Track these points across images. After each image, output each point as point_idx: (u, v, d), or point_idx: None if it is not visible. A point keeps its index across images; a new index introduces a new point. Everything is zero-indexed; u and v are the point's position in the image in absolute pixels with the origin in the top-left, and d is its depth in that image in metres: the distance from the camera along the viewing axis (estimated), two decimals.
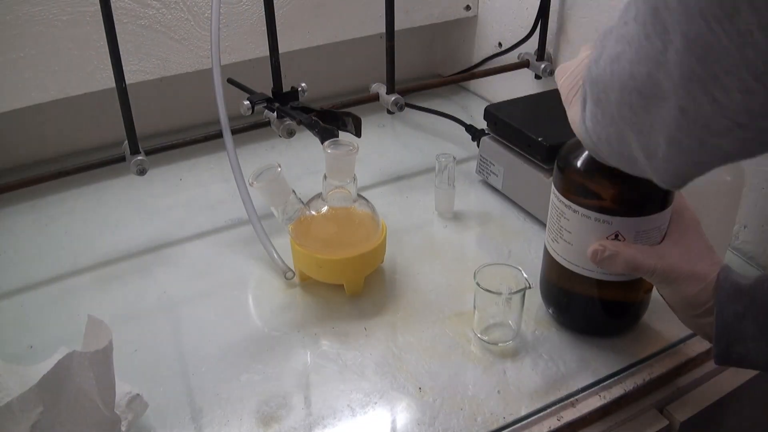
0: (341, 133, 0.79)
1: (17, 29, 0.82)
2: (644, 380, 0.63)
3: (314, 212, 0.71)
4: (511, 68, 1.04)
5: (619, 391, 0.62)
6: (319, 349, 0.66)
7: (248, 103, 0.82)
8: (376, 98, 0.95)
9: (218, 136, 0.79)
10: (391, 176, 0.96)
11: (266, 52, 0.84)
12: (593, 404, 0.60)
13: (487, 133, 0.90)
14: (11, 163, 0.97)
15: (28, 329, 0.69)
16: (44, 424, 0.47)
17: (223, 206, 0.89)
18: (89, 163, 0.81)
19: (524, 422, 0.58)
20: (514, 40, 1.06)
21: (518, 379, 0.62)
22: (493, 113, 0.87)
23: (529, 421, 0.59)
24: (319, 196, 0.72)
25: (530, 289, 0.64)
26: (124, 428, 0.54)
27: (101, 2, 0.71)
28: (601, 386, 0.62)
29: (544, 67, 1.01)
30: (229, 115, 0.77)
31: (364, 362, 0.64)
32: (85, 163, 0.81)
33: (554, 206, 0.62)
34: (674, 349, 0.66)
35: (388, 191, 0.93)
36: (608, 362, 0.64)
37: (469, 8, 1.14)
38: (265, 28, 0.82)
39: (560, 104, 0.58)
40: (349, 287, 0.72)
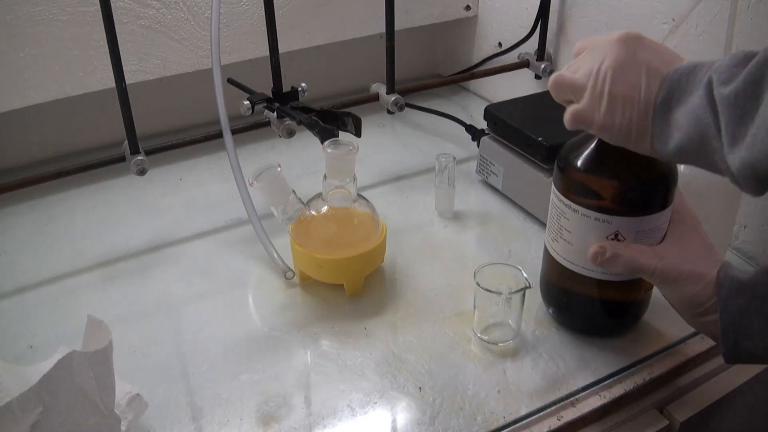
0: (341, 133, 0.79)
1: (17, 29, 0.82)
2: (644, 380, 0.63)
3: (314, 212, 0.71)
4: (511, 68, 1.04)
5: (619, 390, 0.62)
6: (319, 349, 0.66)
7: (248, 103, 0.83)
8: (376, 98, 0.95)
9: (218, 136, 0.79)
10: (391, 176, 0.96)
11: (266, 52, 0.84)
12: (593, 404, 0.60)
13: (487, 133, 0.90)
14: (11, 163, 0.97)
15: (28, 329, 0.69)
16: (44, 424, 0.47)
17: (223, 206, 0.89)
18: (89, 163, 0.81)
19: (524, 422, 0.58)
20: (514, 40, 1.06)
21: (518, 378, 0.62)
22: (493, 113, 0.87)
23: (529, 420, 0.59)
24: (319, 196, 0.72)
25: (530, 288, 0.64)
26: (124, 428, 0.54)
27: (101, 2, 0.71)
28: (601, 386, 0.62)
29: (544, 67, 1.01)
30: (229, 115, 0.77)
31: (364, 362, 0.64)
32: (85, 163, 0.81)
33: (554, 206, 0.62)
34: (674, 348, 0.66)
35: (388, 191, 0.93)
36: (608, 362, 0.64)
37: (469, 8, 1.14)
38: (265, 28, 0.82)
39: (560, 104, 0.58)
40: (349, 287, 0.72)
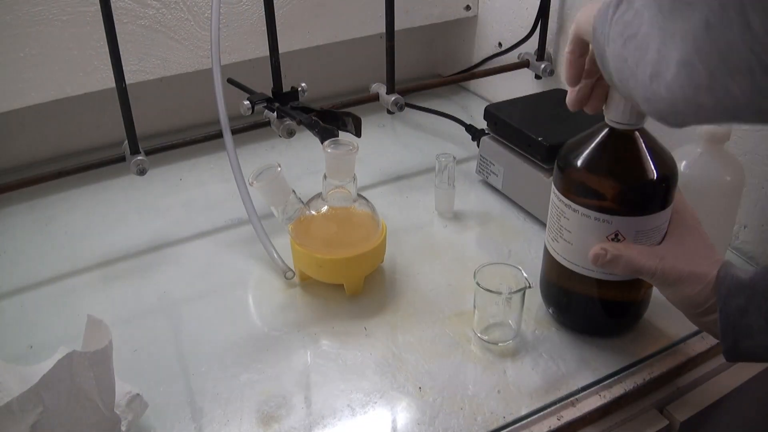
0: (341, 133, 0.79)
1: (17, 29, 0.82)
2: (644, 380, 0.63)
3: (314, 212, 0.71)
4: (511, 68, 1.04)
5: (619, 390, 0.62)
6: (319, 348, 0.66)
7: (248, 103, 0.83)
8: (376, 98, 0.95)
9: (218, 136, 0.79)
10: (391, 176, 0.96)
11: (266, 52, 0.84)
12: (593, 404, 0.60)
13: (487, 133, 0.90)
14: (11, 163, 0.97)
15: (28, 329, 0.69)
16: (44, 424, 0.47)
17: (223, 206, 0.89)
18: (89, 163, 0.81)
19: (524, 422, 0.58)
20: (514, 40, 1.06)
21: (518, 378, 0.62)
22: (493, 113, 0.87)
23: (529, 420, 0.59)
24: (319, 196, 0.72)
25: (530, 288, 0.64)
26: (124, 428, 0.54)
27: (101, 2, 0.71)
28: (601, 386, 0.62)
29: (544, 67, 1.01)
30: (229, 115, 0.77)
31: (364, 362, 0.64)
32: (85, 163, 0.81)
33: (554, 206, 0.62)
34: (674, 348, 0.66)
35: (388, 191, 0.93)
36: (608, 362, 0.64)
37: (469, 8, 1.14)
38: (265, 28, 0.82)
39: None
40: (349, 287, 0.72)
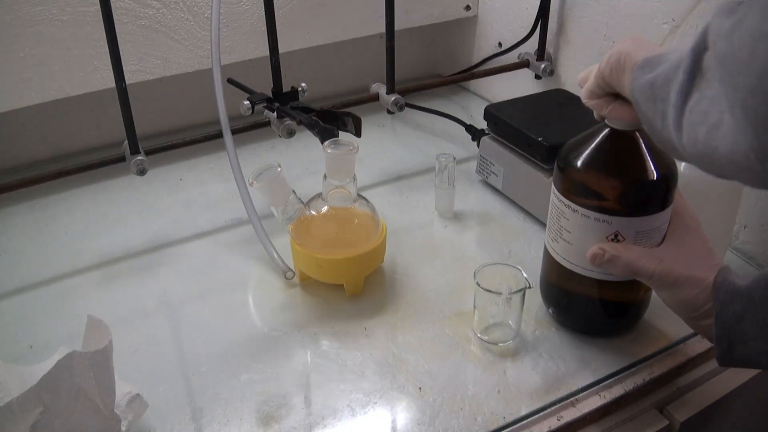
0: (341, 133, 0.79)
1: (17, 29, 0.82)
2: (644, 380, 0.63)
3: (314, 212, 0.71)
4: (511, 68, 1.04)
5: (619, 390, 0.62)
6: (319, 349, 0.66)
7: (248, 103, 0.82)
8: (376, 98, 0.95)
9: (218, 136, 0.79)
10: (391, 176, 0.96)
11: (266, 52, 0.84)
12: (593, 404, 0.60)
13: (487, 133, 0.90)
14: (11, 163, 0.97)
15: (28, 329, 0.69)
16: (44, 424, 0.47)
17: (223, 206, 0.89)
18: (89, 163, 0.81)
19: (524, 422, 0.58)
20: (514, 40, 1.06)
21: (518, 378, 0.62)
22: (493, 113, 0.87)
23: (529, 420, 0.59)
24: (319, 196, 0.72)
25: (530, 288, 0.64)
26: (124, 428, 0.54)
27: (101, 2, 0.71)
28: (601, 386, 0.62)
29: (544, 67, 1.01)
30: (229, 115, 0.77)
31: (364, 362, 0.64)
32: (85, 163, 0.81)
33: (554, 206, 0.62)
34: (674, 348, 0.66)
35: (388, 191, 0.93)
36: (608, 362, 0.64)
37: (469, 8, 1.14)
38: (265, 28, 0.82)
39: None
40: (349, 287, 0.72)
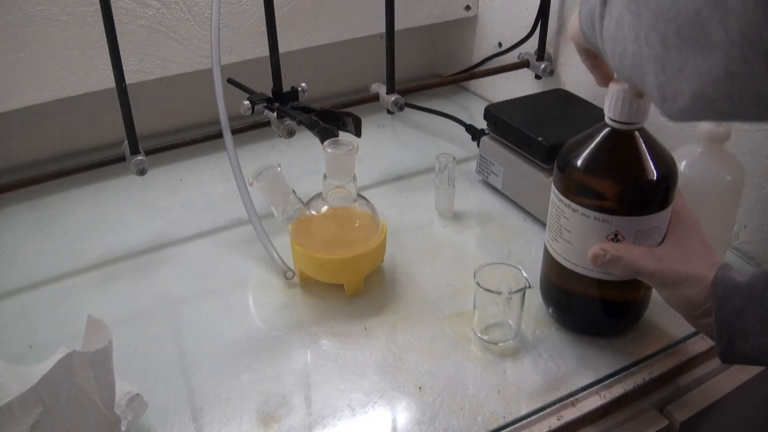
0: (341, 133, 0.79)
1: (17, 29, 0.82)
2: (644, 380, 0.63)
3: (314, 212, 0.71)
4: (511, 68, 1.04)
5: (619, 390, 0.62)
6: (319, 348, 0.66)
7: (248, 103, 0.82)
8: (376, 98, 0.95)
9: (218, 136, 0.79)
10: (391, 176, 0.96)
11: (266, 52, 0.84)
12: (593, 404, 0.60)
13: (487, 133, 0.90)
14: (11, 163, 0.97)
15: (28, 329, 0.69)
16: (44, 424, 0.47)
17: (223, 206, 0.89)
18: (89, 163, 0.81)
19: (524, 422, 0.58)
20: (514, 40, 1.06)
21: (518, 378, 0.62)
22: (493, 113, 0.87)
23: (529, 420, 0.59)
24: (319, 196, 0.72)
25: (530, 288, 0.64)
26: (124, 428, 0.54)
27: (101, 2, 0.71)
28: (601, 386, 0.62)
29: (544, 67, 1.01)
30: (229, 115, 0.77)
31: (364, 362, 0.64)
32: (85, 163, 0.81)
33: (554, 206, 0.62)
34: (674, 348, 0.66)
35: (388, 191, 0.93)
36: (608, 362, 0.64)
37: (469, 8, 1.14)
38: (265, 28, 0.82)
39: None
40: (349, 287, 0.72)
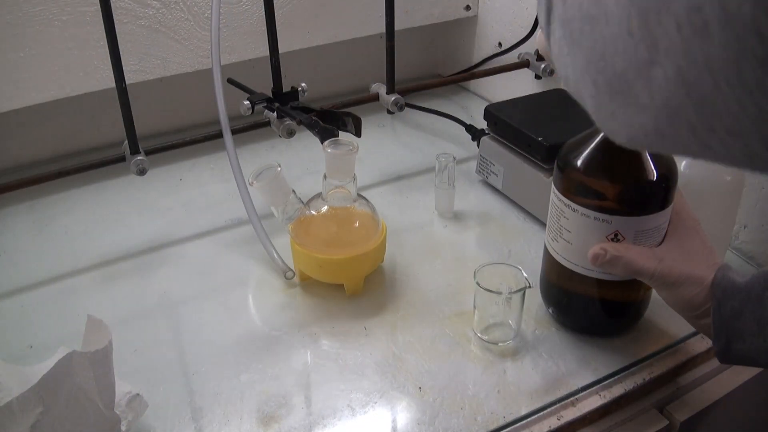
0: (341, 133, 0.79)
1: (17, 29, 0.82)
2: (644, 380, 0.63)
3: (314, 212, 0.71)
4: (511, 68, 1.04)
5: (619, 390, 0.62)
6: (319, 348, 0.66)
7: (248, 103, 0.82)
8: (376, 98, 0.95)
9: (218, 136, 0.79)
10: (391, 176, 0.96)
11: (266, 52, 0.84)
12: (593, 404, 0.60)
13: (487, 133, 0.90)
14: (11, 163, 0.97)
15: (28, 329, 0.69)
16: (44, 424, 0.47)
17: (223, 206, 0.89)
18: (89, 163, 0.81)
19: (524, 422, 0.58)
20: (514, 40, 1.06)
21: (518, 378, 0.62)
22: (493, 113, 0.87)
23: (529, 420, 0.59)
24: (319, 195, 0.72)
25: (530, 288, 0.64)
26: (124, 428, 0.54)
27: (101, 2, 0.71)
28: (601, 385, 0.62)
29: (544, 67, 1.01)
30: (229, 115, 0.77)
31: (364, 362, 0.64)
32: (85, 163, 0.81)
33: (554, 205, 0.62)
34: (674, 348, 0.66)
35: (388, 191, 0.93)
36: (608, 361, 0.64)
37: (469, 8, 1.14)
38: (265, 28, 0.82)
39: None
40: (349, 287, 0.72)
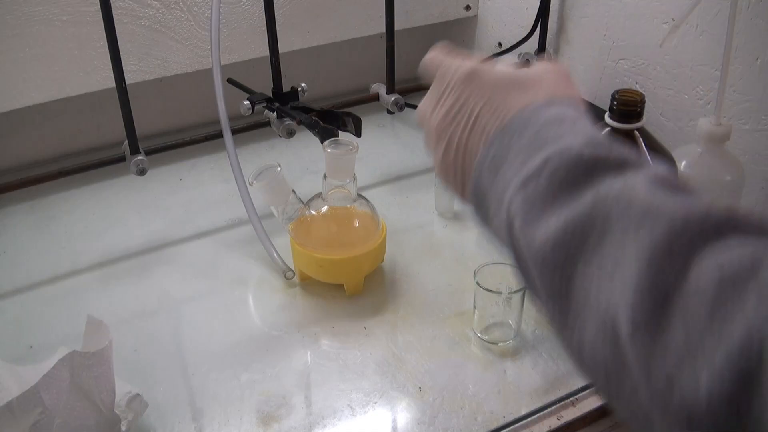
0: (341, 133, 0.79)
1: (17, 29, 0.82)
2: None
3: (314, 212, 0.71)
4: None
5: None
6: (319, 348, 0.66)
7: (248, 103, 0.82)
8: (376, 98, 0.95)
9: (218, 136, 0.79)
10: (391, 176, 0.96)
11: (266, 52, 0.84)
12: (593, 403, 0.60)
13: None
14: (11, 163, 0.97)
15: (28, 329, 0.69)
16: (44, 424, 0.47)
17: (223, 206, 0.89)
18: (89, 163, 0.81)
19: (524, 421, 0.58)
20: (514, 40, 1.06)
21: (518, 378, 0.62)
22: None
23: (529, 420, 0.59)
24: (319, 195, 0.72)
25: None
26: (124, 428, 0.54)
27: (101, 2, 0.71)
28: None
29: None
30: (229, 115, 0.77)
31: (364, 362, 0.64)
32: (85, 163, 0.81)
33: None
34: None
35: (388, 191, 0.93)
36: None
37: (469, 8, 1.14)
38: (265, 28, 0.82)
39: None
40: (349, 287, 0.72)
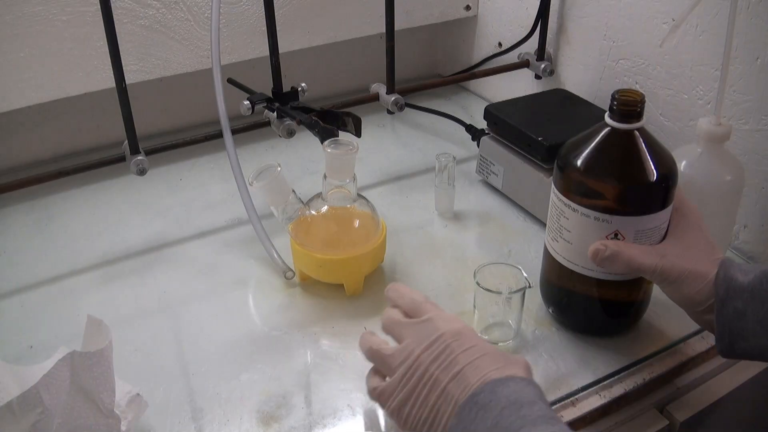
0: (341, 133, 0.79)
1: (17, 29, 0.82)
2: (644, 380, 0.63)
3: (314, 212, 0.71)
4: (511, 68, 1.04)
5: (619, 390, 0.62)
6: (319, 348, 0.66)
7: (248, 103, 0.82)
8: (376, 98, 0.95)
9: (218, 136, 0.79)
10: (391, 176, 0.96)
11: (266, 52, 0.84)
12: (593, 403, 0.60)
13: (487, 132, 0.90)
14: (11, 163, 0.97)
15: (28, 329, 0.69)
16: (44, 424, 0.47)
17: (223, 206, 0.89)
18: (89, 163, 0.81)
19: None
20: (514, 40, 1.06)
21: None
22: (493, 113, 0.87)
23: None
24: (319, 195, 0.72)
25: (530, 288, 0.64)
26: (124, 428, 0.54)
27: (101, 2, 0.71)
28: (601, 385, 0.62)
29: (544, 67, 1.01)
30: (229, 115, 0.77)
31: (364, 362, 0.64)
32: (85, 163, 0.81)
33: (554, 205, 0.62)
34: (674, 348, 0.66)
35: (388, 191, 0.93)
36: (608, 361, 0.64)
37: (469, 8, 1.14)
38: (265, 28, 0.82)
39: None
40: (349, 287, 0.72)
